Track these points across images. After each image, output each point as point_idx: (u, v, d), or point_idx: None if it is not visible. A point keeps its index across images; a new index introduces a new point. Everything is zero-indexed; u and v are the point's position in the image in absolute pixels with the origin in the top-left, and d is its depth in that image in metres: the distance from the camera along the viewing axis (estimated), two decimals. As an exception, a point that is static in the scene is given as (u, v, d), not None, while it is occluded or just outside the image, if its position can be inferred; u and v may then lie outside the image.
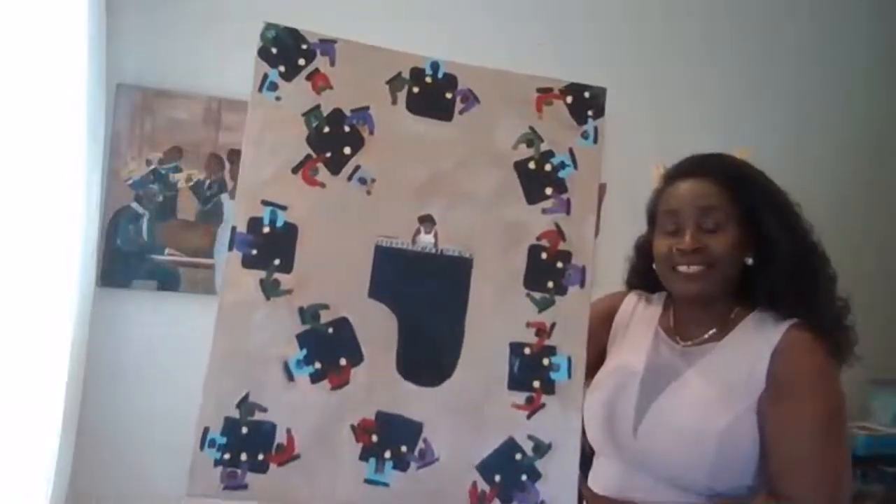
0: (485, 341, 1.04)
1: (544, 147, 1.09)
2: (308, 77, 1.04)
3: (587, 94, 1.11)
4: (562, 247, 1.07)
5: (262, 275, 1.00)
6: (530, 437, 1.03)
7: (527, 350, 1.05)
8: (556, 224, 1.08)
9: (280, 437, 0.97)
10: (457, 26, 2.45)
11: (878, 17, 2.95)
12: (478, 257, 1.05)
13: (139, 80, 2.31)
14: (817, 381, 1.10)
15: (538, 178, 1.08)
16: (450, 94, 1.08)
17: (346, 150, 1.04)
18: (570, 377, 1.05)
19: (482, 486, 1.01)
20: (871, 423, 2.61)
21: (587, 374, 1.08)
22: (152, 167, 2.32)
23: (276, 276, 1.00)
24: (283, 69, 1.04)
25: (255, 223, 1.01)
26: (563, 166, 1.09)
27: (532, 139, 1.09)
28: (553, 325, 1.05)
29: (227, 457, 0.96)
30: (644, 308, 1.33)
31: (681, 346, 1.22)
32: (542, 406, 1.04)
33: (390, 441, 1.00)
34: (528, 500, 1.01)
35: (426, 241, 1.05)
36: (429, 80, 1.07)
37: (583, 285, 1.07)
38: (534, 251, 1.07)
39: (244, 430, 0.97)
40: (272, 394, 0.98)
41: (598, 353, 1.30)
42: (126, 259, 2.30)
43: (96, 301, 2.18)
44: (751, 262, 1.18)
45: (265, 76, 1.03)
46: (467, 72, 1.09)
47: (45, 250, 1.82)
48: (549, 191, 1.08)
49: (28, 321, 1.77)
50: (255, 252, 1.00)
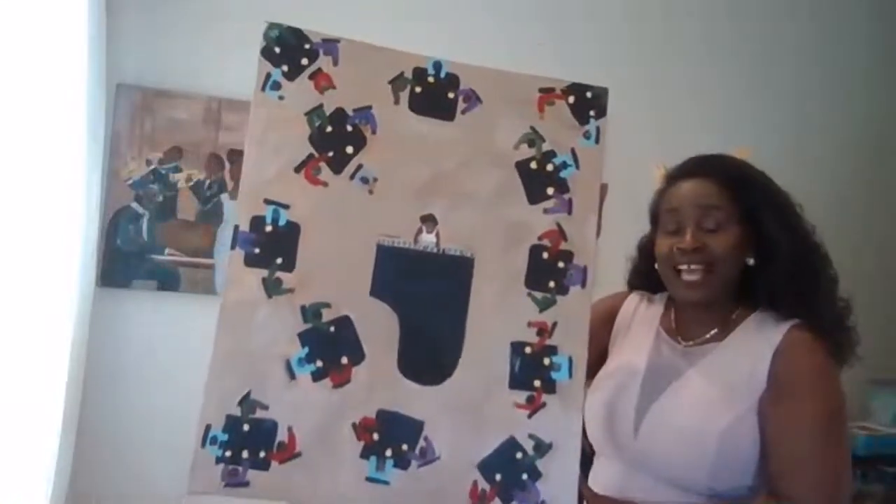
0: (486, 340, 1.04)
1: (546, 147, 1.09)
2: (311, 76, 1.05)
3: (589, 95, 1.11)
4: (563, 247, 1.07)
5: (265, 273, 1.00)
6: (531, 436, 1.03)
7: (528, 349, 1.05)
8: (558, 224, 1.08)
9: (281, 435, 0.98)
10: (457, 26, 2.45)
11: (878, 17, 2.95)
12: (479, 257, 1.06)
13: (139, 80, 2.31)
14: (818, 382, 1.10)
15: (540, 178, 1.08)
16: (452, 94, 1.08)
17: (349, 149, 1.04)
18: (571, 377, 1.05)
19: (483, 484, 1.01)
20: (871, 423, 2.61)
21: (588, 374, 1.09)
22: (152, 167, 2.32)
23: (279, 274, 1.01)
24: (286, 68, 1.04)
25: (257, 222, 1.01)
26: (564, 166, 1.09)
27: (534, 139, 1.09)
28: (554, 325, 1.05)
29: (228, 454, 0.96)
30: (646, 308, 1.33)
31: (682, 346, 1.22)
32: (543, 405, 1.04)
33: (391, 439, 1.00)
34: (529, 500, 1.01)
35: (428, 240, 1.05)
36: (431, 79, 1.08)
37: (584, 285, 1.07)
38: (535, 251, 1.07)
39: (246, 427, 0.97)
40: (274, 392, 0.98)
41: (600, 354, 1.30)
42: (126, 259, 2.30)
43: (96, 301, 2.17)
44: (752, 262, 1.18)
45: (268, 75, 1.03)
46: (469, 72, 1.09)
47: (45, 250, 1.82)
48: (550, 191, 1.08)
49: (28, 321, 1.77)
50: (257, 251, 1.01)
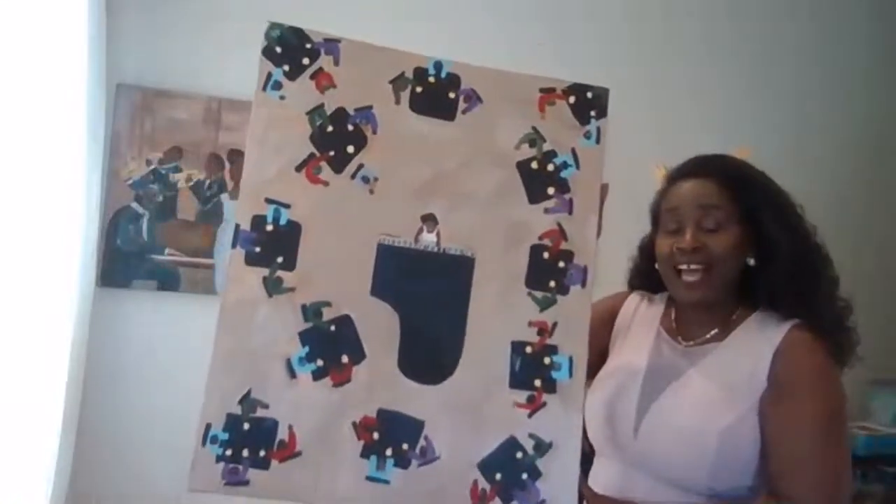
0: (486, 340, 1.04)
1: (547, 147, 1.09)
2: (312, 76, 1.05)
3: (590, 95, 1.11)
4: (564, 246, 1.07)
5: (265, 272, 1.00)
6: (531, 435, 1.02)
7: (528, 349, 1.04)
8: (559, 224, 1.08)
9: (282, 434, 0.98)
10: (457, 26, 2.45)
11: (878, 17, 2.95)
12: (480, 256, 1.06)
13: (139, 80, 2.31)
14: (818, 382, 1.10)
15: (540, 178, 1.08)
16: (453, 94, 1.08)
17: (350, 148, 1.04)
18: (572, 376, 1.05)
19: (483, 484, 1.00)
20: (871, 423, 2.61)
21: (589, 374, 1.08)
22: (152, 167, 2.32)
23: (279, 273, 1.00)
24: (287, 68, 1.04)
25: (258, 221, 1.01)
26: (565, 166, 1.09)
27: (535, 139, 1.09)
28: (554, 325, 1.05)
29: (228, 453, 0.96)
30: (646, 308, 1.33)
31: (682, 346, 1.22)
32: (544, 405, 1.03)
33: (391, 439, 1.00)
34: (529, 499, 1.01)
35: (428, 239, 1.05)
36: (432, 79, 1.08)
37: (584, 285, 1.07)
38: (536, 250, 1.07)
39: (246, 426, 0.97)
40: (274, 391, 0.98)
41: (600, 354, 1.30)
42: (126, 259, 2.30)
43: (96, 301, 2.17)
44: (752, 262, 1.18)
45: (269, 75, 1.04)
46: (470, 72, 1.09)
47: (45, 250, 1.82)
48: (551, 191, 1.08)
49: (28, 321, 1.77)
50: (258, 250, 1.00)
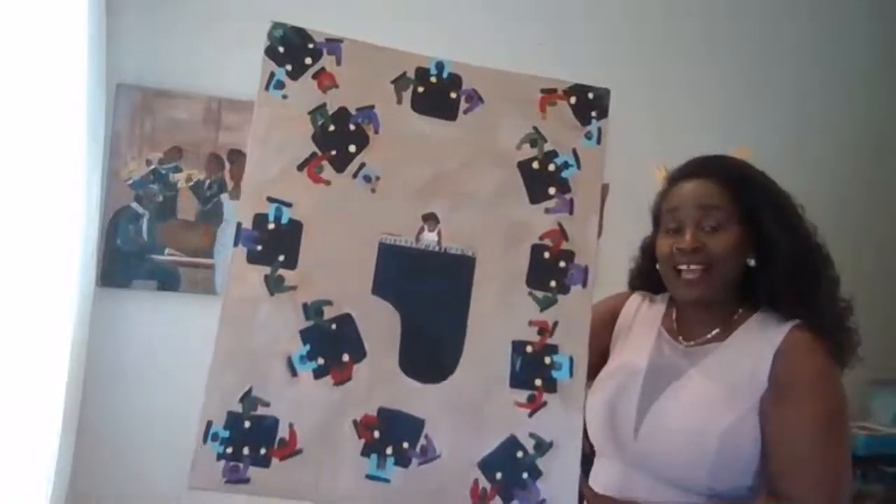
0: (487, 339, 1.04)
1: (548, 147, 1.09)
2: (314, 76, 1.05)
3: (591, 95, 1.11)
4: (565, 246, 1.07)
5: (267, 271, 1.00)
6: (532, 435, 1.02)
7: (529, 348, 1.05)
8: (560, 224, 1.08)
9: (282, 432, 0.98)
10: (457, 26, 2.45)
11: (878, 17, 2.95)
12: (481, 256, 1.06)
13: (139, 80, 2.31)
14: (818, 382, 1.10)
15: (541, 178, 1.08)
16: (454, 94, 1.08)
17: (352, 148, 1.05)
18: (572, 376, 1.05)
19: (483, 483, 1.00)
20: (871, 423, 2.61)
21: (589, 374, 1.09)
22: (152, 167, 2.32)
23: (281, 272, 1.01)
24: (289, 68, 1.04)
25: (260, 219, 1.01)
26: (566, 166, 1.09)
27: (536, 139, 1.09)
28: (555, 324, 1.05)
29: (229, 451, 0.96)
30: (647, 308, 1.33)
31: (683, 346, 1.22)
32: (544, 404, 1.04)
33: (392, 437, 1.00)
34: (529, 499, 1.01)
35: (430, 239, 1.05)
36: (434, 79, 1.08)
37: (585, 285, 1.07)
38: (536, 250, 1.07)
39: (247, 424, 0.97)
40: (275, 389, 0.98)
41: (601, 354, 1.30)
42: (126, 259, 2.30)
43: (96, 301, 2.18)
44: (753, 262, 1.18)
45: (272, 74, 1.04)
46: (472, 72, 1.09)
47: (45, 250, 1.82)
48: (552, 191, 1.08)
49: (28, 321, 1.77)
50: (260, 248, 1.01)
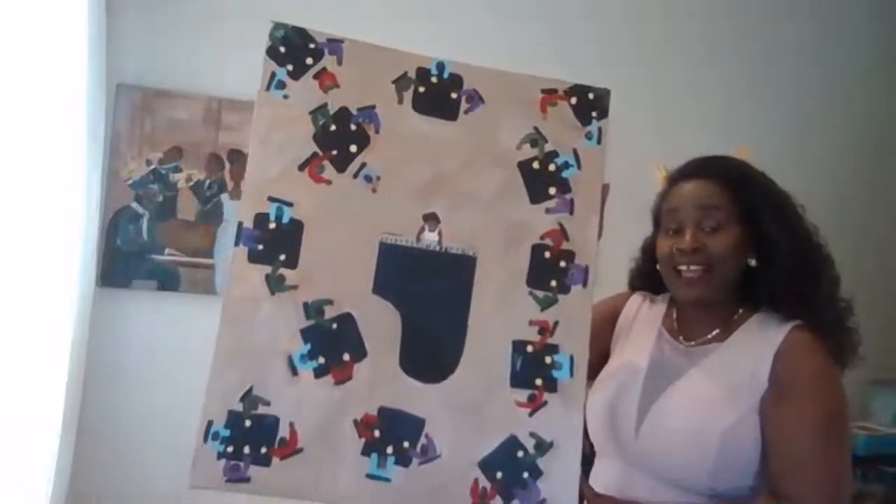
0: (487, 339, 1.04)
1: (548, 147, 1.09)
2: (315, 76, 1.05)
3: (591, 96, 1.11)
4: (565, 246, 1.07)
5: (268, 270, 1.00)
6: (532, 434, 1.03)
7: (529, 348, 1.05)
8: (560, 224, 1.08)
9: (283, 431, 0.98)
10: (457, 26, 2.45)
11: (878, 17, 2.95)
12: (481, 255, 1.06)
13: (139, 80, 2.31)
14: (818, 382, 1.10)
15: (542, 178, 1.08)
16: (455, 94, 1.08)
17: (353, 148, 1.05)
18: (573, 376, 1.05)
19: (483, 483, 1.00)
20: (871, 423, 2.61)
21: (590, 375, 1.09)
22: (152, 167, 2.32)
23: (282, 271, 1.01)
24: (290, 68, 1.04)
25: (261, 219, 1.01)
26: (566, 166, 1.09)
27: (536, 139, 1.09)
28: (556, 324, 1.06)
29: (230, 450, 0.96)
30: (648, 308, 1.33)
31: (684, 346, 1.22)
32: (545, 404, 1.04)
33: (392, 437, 1.00)
34: (530, 498, 1.01)
35: (430, 238, 1.05)
36: (434, 80, 1.08)
37: (585, 285, 1.07)
38: (537, 250, 1.07)
39: (247, 423, 0.97)
40: (276, 388, 0.99)
41: (602, 354, 1.30)
42: (126, 259, 2.30)
43: (96, 301, 2.18)
44: (753, 263, 1.18)
45: (273, 74, 1.04)
46: (473, 72, 1.09)
47: (45, 250, 1.82)
48: (552, 191, 1.08)
49: (28, 321, 1.77)
50: (260, 247, 1.01)
